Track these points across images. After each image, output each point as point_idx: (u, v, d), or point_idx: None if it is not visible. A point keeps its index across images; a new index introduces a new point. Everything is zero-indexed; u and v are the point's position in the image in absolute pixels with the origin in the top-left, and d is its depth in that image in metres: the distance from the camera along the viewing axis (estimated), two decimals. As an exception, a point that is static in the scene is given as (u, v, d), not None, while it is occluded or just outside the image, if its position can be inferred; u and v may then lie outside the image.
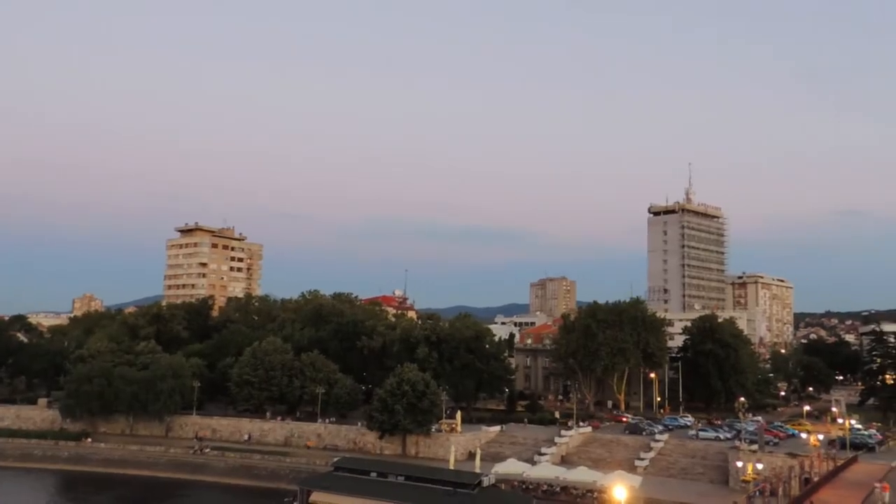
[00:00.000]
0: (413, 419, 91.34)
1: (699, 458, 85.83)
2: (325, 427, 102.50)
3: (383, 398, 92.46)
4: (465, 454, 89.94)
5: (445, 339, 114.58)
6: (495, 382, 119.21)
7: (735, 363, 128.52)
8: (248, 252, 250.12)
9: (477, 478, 60.57)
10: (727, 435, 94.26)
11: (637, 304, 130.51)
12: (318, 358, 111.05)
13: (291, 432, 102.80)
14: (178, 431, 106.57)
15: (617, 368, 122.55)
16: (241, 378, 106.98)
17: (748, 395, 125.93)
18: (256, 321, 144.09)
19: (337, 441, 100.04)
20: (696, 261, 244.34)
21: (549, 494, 74.02)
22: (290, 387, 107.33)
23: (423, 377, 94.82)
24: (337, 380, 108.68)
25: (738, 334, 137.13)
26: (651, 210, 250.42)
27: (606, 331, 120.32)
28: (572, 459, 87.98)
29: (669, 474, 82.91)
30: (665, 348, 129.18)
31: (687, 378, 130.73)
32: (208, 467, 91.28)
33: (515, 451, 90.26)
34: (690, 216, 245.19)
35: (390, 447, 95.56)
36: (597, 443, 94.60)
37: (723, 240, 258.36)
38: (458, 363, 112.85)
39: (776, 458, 76.63)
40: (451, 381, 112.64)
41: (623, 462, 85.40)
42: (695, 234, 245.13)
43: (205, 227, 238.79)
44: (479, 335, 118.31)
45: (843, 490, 58.79)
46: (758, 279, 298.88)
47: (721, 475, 79.97)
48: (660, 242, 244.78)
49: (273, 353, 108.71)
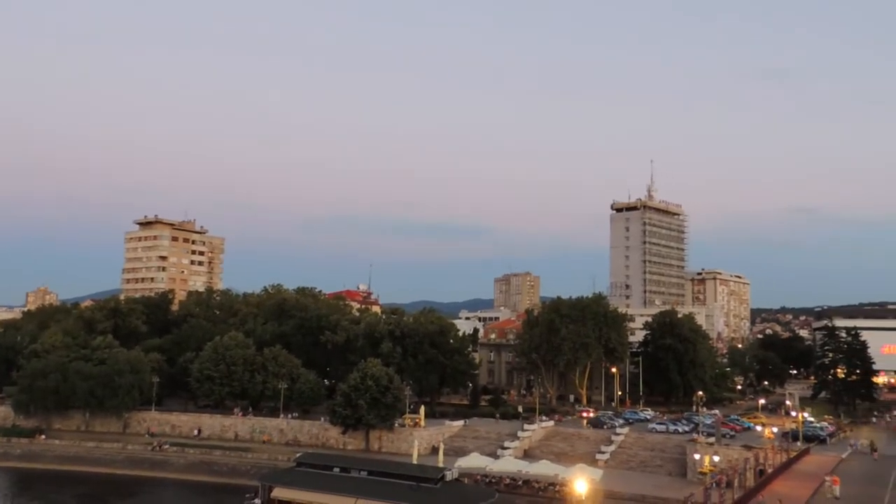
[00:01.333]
0: (377, 414, 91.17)
1: (658, 451, 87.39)
2: (287, 422, 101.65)
3: (347, 393, 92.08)
4: (428, 449, 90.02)
5: (409, 333, 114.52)
6: (459, 377, 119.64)
7: (693, 358, 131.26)
8: (210, 245, 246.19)
9: (440, 472, 60.78)
10: (685, 428, 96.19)
11: (599, 300, 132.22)
12: (280, 353, 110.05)
13: (253, 428, 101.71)
14: (136, 428, 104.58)
15: (579, 363, 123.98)
16: (202, 373, 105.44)
17: (706, 389, 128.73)
18: (218, 316, 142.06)
19: (300, 436, 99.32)
20: (657, 257, 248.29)
21: (512, 488, 74.65)
22: (252, 382, 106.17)
23: (386, 372, 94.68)
24: (300, 375, 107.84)
25: (696, 329, 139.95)
26: (614, 207, 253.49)
27: (569, 326, 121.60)
28: (535, 453, 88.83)
29: (629, 467, 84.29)
30: (626, 343, 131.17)
31: (647, 372, 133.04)
32: (167, 464, 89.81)
33: (478, 445, 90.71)
34: (652, 213, 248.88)
35: (353, 442, 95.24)
36: (559, 437, 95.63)
37: (683, 236, 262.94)
38: (422, 358, 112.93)
39: (732, 450, 78.50)
40: (415, 376, 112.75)
41: (585, 455, 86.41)
42: (656, 231, 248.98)
43: (165, 220, 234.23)
44: (443, 330, 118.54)
45: (796, 481, 60.47)
46: (716, 275, 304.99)
47: (679, 468, 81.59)
48: (622, 239, 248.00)
49: (235, 348, 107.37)
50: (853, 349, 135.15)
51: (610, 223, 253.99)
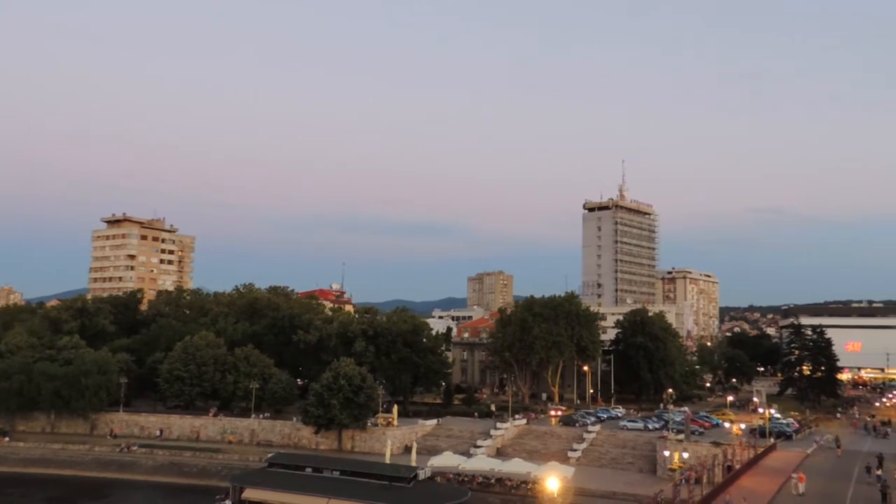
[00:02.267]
0: (349, 413, 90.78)
1: (629, 449, 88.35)
2: (259, 423, 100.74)
3: (319, 393, 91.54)
4: (401, 448, 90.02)
5: (383, 333, 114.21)
6: (432, 376, 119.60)
7: (664, 356, 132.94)
8: (180, 244, 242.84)
9: (413, 471, 60.79)
10: (656, 425, 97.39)
11: (572, 299, 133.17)
12: (252, 352, 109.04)
13: (224, 428, 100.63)
14: (103, 429, 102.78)
15: (552, 361, 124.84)
16: (172, 373, 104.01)
17: (676, 387, 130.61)
18: (188, 315, 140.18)
19: (271, 437, 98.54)
20: (629, 256, 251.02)
21: (485, 486, 74.86)
22: (223, 382, 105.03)
23: (359, 371, 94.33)
24: (272, 374, 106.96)
25: (667, 328, 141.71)
26: (586, 206, 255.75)
27: (542, 324, 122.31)
28: (507, 451, 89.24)
29: (601, 464, 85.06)
30: (598, 341, 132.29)
31: (618, 370, 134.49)
32: (136, 465, 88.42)
33: (451, 444, 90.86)
34: (623, 213, 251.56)
35: (326, 442, 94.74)
36: (531, 435, 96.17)
37: (654, 236, 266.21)
38: (395, 357, 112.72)
39: (701, 446, 79.64)
40: (388, 375, 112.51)
41: (557, 453, 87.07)
42: (627, 231, 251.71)
43: (133, 218, 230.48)
44: (416, 329, 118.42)
45: (763, 477, 61.57)
46: (686, 274, 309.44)
47: (649, 464, 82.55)
48: (594, 238, 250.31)
49: (205, 348, 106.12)
50: (818, 346, 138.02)
51: (582, 222, 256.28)
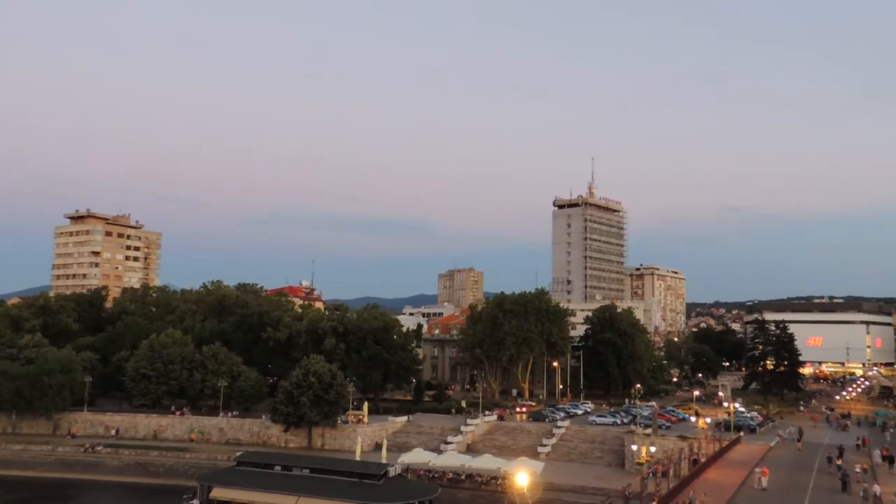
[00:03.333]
0: (319, 411, 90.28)
1: (598, 443, 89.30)
2: (227, 421, 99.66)
3: (289, 390, 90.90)
4: (371, 445, 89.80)
5: (353, 330, 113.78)
6: (403, 373, 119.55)
7: (632, 351, 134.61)
8: (146, 241, 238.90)
9: (383, 468, 60.63)
10: (624, 420, 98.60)
11: (542, 295, 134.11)
12: (220, 350, 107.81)
13: (191, 427, 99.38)
14: (67, 429, 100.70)
15: (522, 357, 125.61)
16: (138, 372, 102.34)
17: (643, 382, 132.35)
18: (154, 313, 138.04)
19: (240, 435, 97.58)
20: (598, 253, 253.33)
21: (455, 482, 75.11)
22: (191, 380, 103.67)
23: (329, 368, 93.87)
24: (241, 372, 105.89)
25: (635, 324, 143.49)
26: (556, 203, 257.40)
27: (512, 321, 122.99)
28: (478, 447, 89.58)
29: (570, 459, 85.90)
30: (567, 337, 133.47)
31: (587, 366, 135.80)
32: (101, 466, 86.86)
33: (422, 440, 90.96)
34: (593, 210, 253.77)
35: (296, 440, 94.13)
36: (501, 430, 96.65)
37: (622, 233, 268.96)
38: (365, 354, 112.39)
39: (668, 440, 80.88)
40: (359, 372, 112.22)
41: (526, 449, 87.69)
42: (597, 228, 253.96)
43: (97, 214, 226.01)
44: (386, 326, 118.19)
45: (728, 469, 62.77)
46: (654, 271, 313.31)
47: (618, 458, 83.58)
48: (564, 235, 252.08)
49: (172, 346, 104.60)
50: (781, 341, 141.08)
51: (552, 220, 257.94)
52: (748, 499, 50.30)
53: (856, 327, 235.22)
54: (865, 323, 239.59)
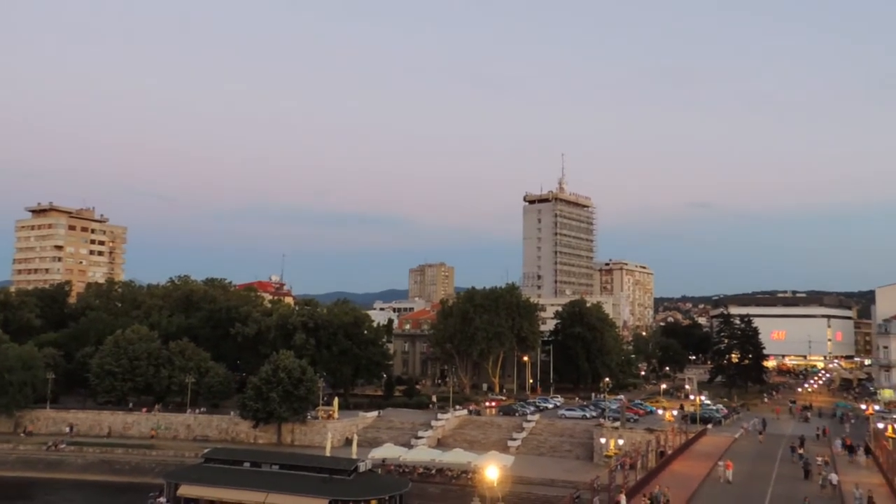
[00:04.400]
0: (289, 407, 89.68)
1: (567, 437, 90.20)
2: (195, 417, 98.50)
3: (258, 386, 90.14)
4: (342, 440, 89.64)
5: (323, 325, 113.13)
6: (373, 368, 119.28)
7: (601, 345, 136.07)
8: (111, 235, 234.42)
9: (353, 463, 60.54)
10: (593, 413, 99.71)
11: (512, 290, 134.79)
12: (187, 346, 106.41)
13: (158, 424, 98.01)
14: (28, 427, 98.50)
15: (492, 352, 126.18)
16: (102, 368, 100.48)
17: (612, 376, 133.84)
18: (120, 308, 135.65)
19: (208, 432, 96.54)
20: (568, 248, 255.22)
21: (426, 477, 75.26)
22: (157, 377, 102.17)
23: (299, 364, 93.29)
24: (209, 368, 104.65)
25: (604, 318, 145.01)
26: (526, 199, 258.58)
27: (483, 316, 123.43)
28: (448, 442, 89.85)
29: (540, 453, 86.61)
30: (538, 332, 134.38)
31: (557, 360, 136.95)
32: (64, 464, 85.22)
33: (392, 435, 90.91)
34: (563, 205, 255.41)
35: (265, 436, 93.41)
36: (472, 425, 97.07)
37: (592, 228, 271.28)
38: (335, 349, 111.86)
39: (636, 433, 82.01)
40: (329, 368, 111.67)
41: (497, 443, 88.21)
42: (567, 223, 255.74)
43: (60, 208, 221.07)
44: (357, 321, 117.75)
45: (693, 461, 63.86)
46: (622, 266, 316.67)
47: (587, 451, 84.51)
48: (534, 230, 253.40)
49: (138, 342, 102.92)
50: (746, 335, 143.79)
51: (523, 215, 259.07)
52: (712, 491, 51.19)
53: (817, 321, 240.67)
54: (827, 317, 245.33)
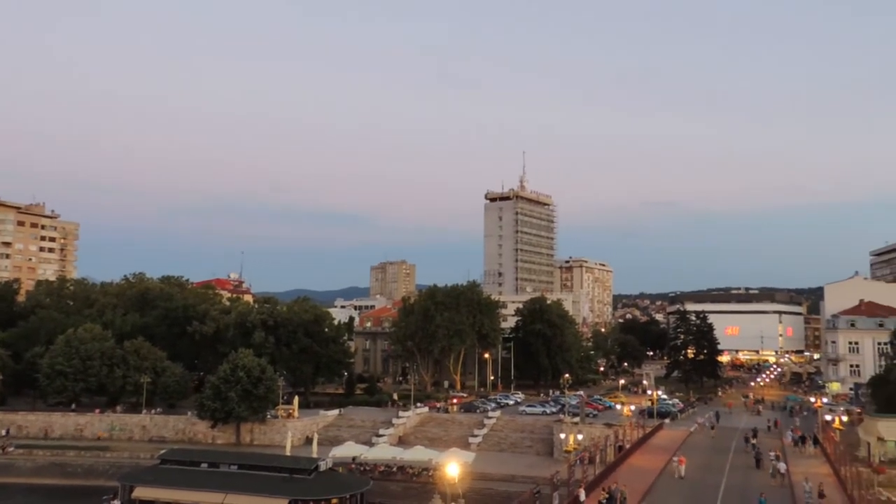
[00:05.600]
0: (248, 406, 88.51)
1: (528, 433, 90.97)
2: (150, 418, 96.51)
3: (216, 385, 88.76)
4: (302, 439, 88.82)
5: (283, 323, 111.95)
6: (334, 366, 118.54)
7: (561, 342, 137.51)
8: (62, 231, 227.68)
9: (314, 462, 60.04)
10: (553, 409, 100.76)
11: (473, 288, 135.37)
12: (143, 345, 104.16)
13: (112, 425, 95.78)
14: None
15: (454, 349, 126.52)
16: (53, 368, 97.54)
17: (572, 372, 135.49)
18: (71, 307, 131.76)
19: (164, 432, 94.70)
20: (529, 246, 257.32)
21: (387, 475, 75.15)
22: (111, 377, 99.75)
23: (259, 362, 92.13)
24: (165, 368, 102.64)
25: (564, 315, 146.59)
26: (487, 196, 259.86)
27: (444, 313, 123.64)
28: (409, 439, 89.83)
29: (501, 449, 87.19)
30: (499, 329, 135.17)
31: (518, 357, 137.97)
32: (13, 467, 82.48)
33: (353, 433, 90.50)
34: (524, 203, 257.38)
35: (223, 436, 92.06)
36: (433, 422, 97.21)
37: (552, 226, 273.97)
38: (296, 347, 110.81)
39: (595, 428, 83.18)
40: (289, 366, 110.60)
41: (458, 440, 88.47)
42: (527, 221, 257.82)
43: (8, 203, 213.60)
44: (318, 319, 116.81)
45: (650, 455, 65.11)
46: (582, 263, 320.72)
47: (547, 447, 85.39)
48: (495, 228, 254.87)
49: (91, 341, 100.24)
50: (701, 331, 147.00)
51: (484, 213, 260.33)
52: (668, 485, 52.24)
53: (769, 317, 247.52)
54: (778, 313, 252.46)
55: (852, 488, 47.03)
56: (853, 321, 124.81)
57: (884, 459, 69.46)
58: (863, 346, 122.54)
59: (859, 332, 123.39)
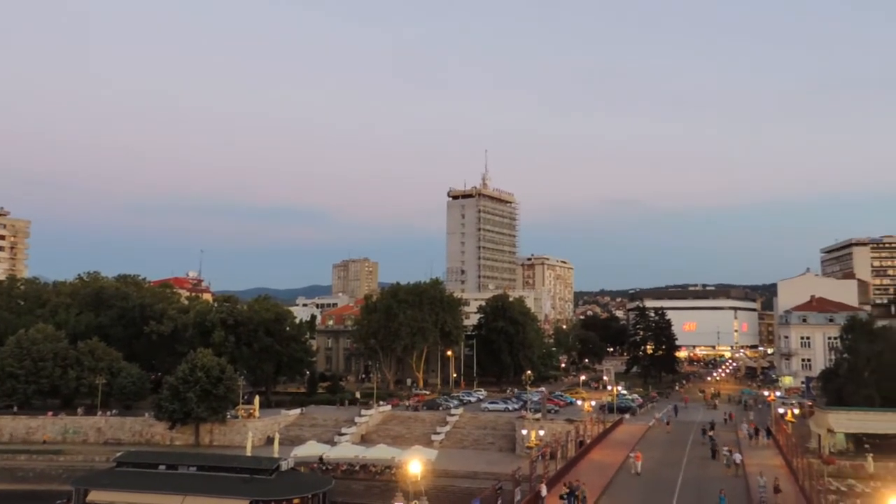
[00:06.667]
0: (207, 406, 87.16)
1: (490, 429, 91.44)
2: (105, 420, 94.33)
3: (174, 386, 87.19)
4: (263, 439, 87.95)
5: (243, 322, 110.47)
6: (296, 365, 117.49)
7: (523, 339, 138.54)
8: (12, 229, 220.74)
9: (275, 462, 59.41)
10: (515, 406, 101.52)
11: (436, 285, 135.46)
12: (98, 345, 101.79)
13: (66, 428, 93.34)
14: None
15: (416, 347, 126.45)
16: (3, 370, 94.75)
17: (534, 368, 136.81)
18: (22, 306, 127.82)
19: (120, 434, 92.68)
20: (491, 243, 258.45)
21: (349, 474, 74.78)
22: (65, 378, 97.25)
23: (218, 362, 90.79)
24: (121, 368, 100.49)
25: (526, 312, 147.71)
26: (450, 194, 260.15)
27: (407, 311, 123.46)
28: (372, 438, 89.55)
29: (463, 446, 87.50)
30: (461, 327, 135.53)
31: (480, 354, 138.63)
32: (-40, 473, 79.88)
33: (315, 433, 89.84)
34: (486, 201, 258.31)
35: (182, 437, 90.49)
36: (396, 420, 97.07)
37: (515, 224, 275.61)
38: (256, 347, 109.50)
39: (556, 424, 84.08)
40: (250, 366, 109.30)
41: (421, 437, 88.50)
42: (490, 218, 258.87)
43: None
44: (279, 317, 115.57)
45: (610, 449, 66.16)
46: (544, 261, 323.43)
47: (509, 443, 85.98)
48: (458, 225, 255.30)
49: (43, 342, 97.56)
50: (660, 327, 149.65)
51: (447, 210, 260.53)
52: (627, 480, 53.09)
53: (725, 313, 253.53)
54: (734, 309, 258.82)
55: (803, 479, 48.43)
56: (805, 317, 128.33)
57: (833, 451, 71.80)
58: (814, 341, 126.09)
59: (810, 328, 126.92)
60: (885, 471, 65.56)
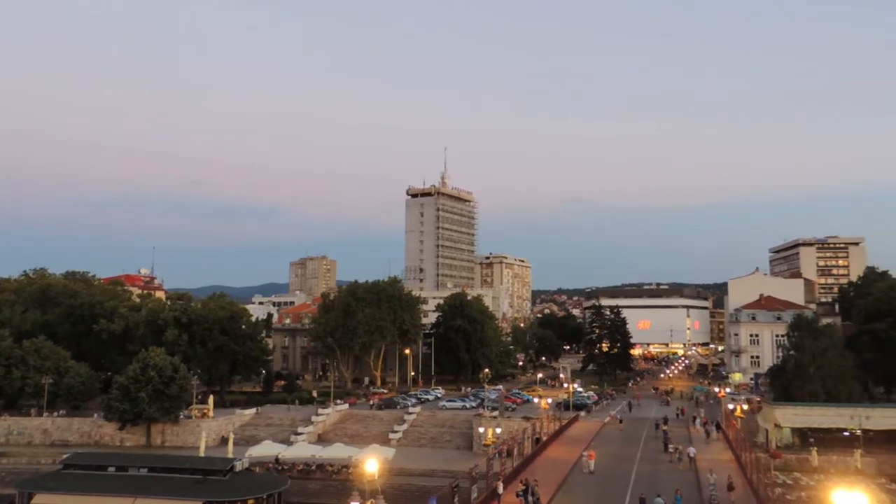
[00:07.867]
0: (159, 406, 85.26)
1: (447, 427, 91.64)
2: (52, 421, 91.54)
3: (125, 385, 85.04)
4: (217, 440, 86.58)
5: (197, 320, 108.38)
6: (251, 364, 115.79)
7: (481, 337, 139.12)
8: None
9: (229, 463, 58.37)
10: (472, 404, 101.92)
11: (395, 283, 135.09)
12: (44, 344, 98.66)
13: (10, 429, 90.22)
14: None
15: (374, 346, 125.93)
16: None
17: (492, 366, 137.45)
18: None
19: (68, 436, 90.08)
20: (450, 242, 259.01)
21: (305, 473, 74.04)
22: (9, 378, 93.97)
23: (171, 361, 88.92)
24: (68, 368, 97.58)
25: (484, 310, 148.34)
26: (409, 192, 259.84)
27: (365, 309, 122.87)
28: (329, 437, 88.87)
29: (421, 444, 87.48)
30: (419, 325, 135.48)
31: (438, 352, 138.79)
32: None
33: (271, 432, 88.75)
34: (445, 199, 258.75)
35: (133, 438, 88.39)
36: (353, 419, 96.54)
37: (473, 222, 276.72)
38: (211, 345, 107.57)
39: (513, 422, 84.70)
40: (204, 365, 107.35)
41: (378, 436, 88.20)
42: (448, 217, 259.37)
43: None
44: (234, 316, 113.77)
45: (566, 446, 66.96)
46: (502, 260, 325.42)
47: (466, 441, 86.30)
48: (417, 223, 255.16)
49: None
50: (615, 325, 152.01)
51: (405, 208, 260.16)
52: (581, 478, 53.72)
53: (678, 311, 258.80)
54: (686, 307, 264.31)
55: (752, 473, 49.76)
56: (754, 314, 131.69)
57: (780, 445, 73.96)
58: (762, 339, 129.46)
59: (759, 325, 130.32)
60: (828, 464, 67.96)
